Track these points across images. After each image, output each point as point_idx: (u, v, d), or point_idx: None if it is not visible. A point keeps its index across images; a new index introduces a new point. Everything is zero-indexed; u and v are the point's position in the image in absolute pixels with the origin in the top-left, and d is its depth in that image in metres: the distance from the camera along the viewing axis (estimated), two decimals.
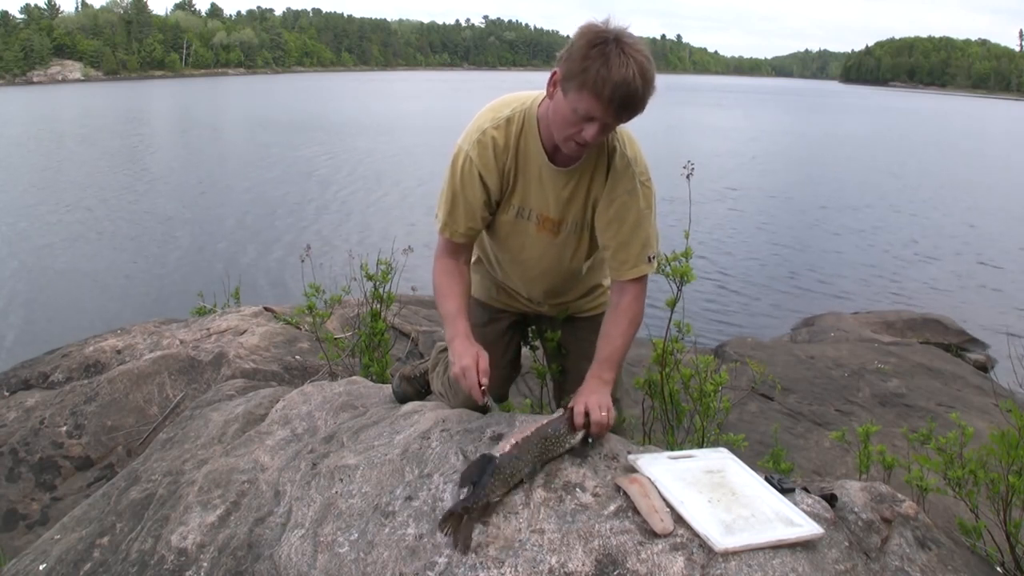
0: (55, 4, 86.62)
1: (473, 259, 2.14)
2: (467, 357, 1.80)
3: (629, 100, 1.59)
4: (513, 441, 1.64)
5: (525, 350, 2.43)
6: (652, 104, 1.65)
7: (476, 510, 1.54)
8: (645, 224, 1.85)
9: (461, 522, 1.53)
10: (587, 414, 1.73)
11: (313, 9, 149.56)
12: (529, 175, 1.86)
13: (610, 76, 1.54)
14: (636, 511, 1.56)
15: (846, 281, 11.04)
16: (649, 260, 1.87)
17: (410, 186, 17.31)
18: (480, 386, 1.78)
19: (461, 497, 1.58)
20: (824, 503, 1.68)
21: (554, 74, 1.67)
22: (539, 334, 2.36)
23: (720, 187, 17.84)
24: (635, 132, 1.87)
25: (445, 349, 2.42)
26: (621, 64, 1.54)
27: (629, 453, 1.79)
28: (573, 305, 2.18)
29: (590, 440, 1.76)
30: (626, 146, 1.84)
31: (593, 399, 1.75)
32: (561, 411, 1.79)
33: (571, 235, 1.93)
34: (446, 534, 1.53)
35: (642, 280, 1.89)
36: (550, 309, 2.19)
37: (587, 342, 1.97)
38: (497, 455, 1.61)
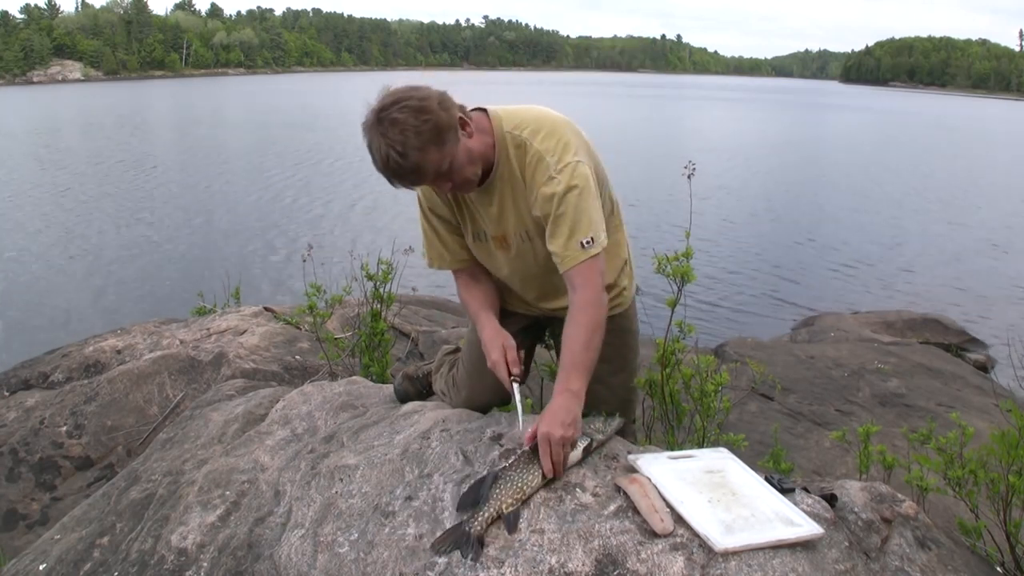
0: (55, 4, 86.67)
1: None
2: (495, 351, 1.85)
3: (400, 173, 1.65)
4: (519, 452, 1.65)
5: (539, 348, 2.43)
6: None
7: (483, 523, 1.53)
8: (569, 210, 1.73)
9: (465, 537, 1.51)
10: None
11: (313, 9, 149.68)
12: (466, 202, 1.91)
13: (376, 161, 1.65)
14: (636, 511, 1.56)
15: (846, 281, 11.04)
16: (583, 246, 1.74)
17: None
18: (511, 376, 1.83)
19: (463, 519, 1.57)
20: (824, 503, 1.68)
21: None
22: (554, 336, 2.35)
23: (720, 186, 17.84)
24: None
25: (451, 352, 2.42)
26: (378, 146, 1.62)
27: (629, 453, 1.79)
28: None
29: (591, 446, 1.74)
30: (537, 139, 1.76)
31: (556, 426, 1.62)
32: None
33: (523, 245, 1.91)
34: (444, 552, 1.51)
35: (587, 267, 1.75)
36: (563, 312, 2.18)
37: (603, 343, 1.95)
38: (499, 468, 1.61)
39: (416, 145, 1.61)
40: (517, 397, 1.84)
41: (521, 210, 1.85)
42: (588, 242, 1.74)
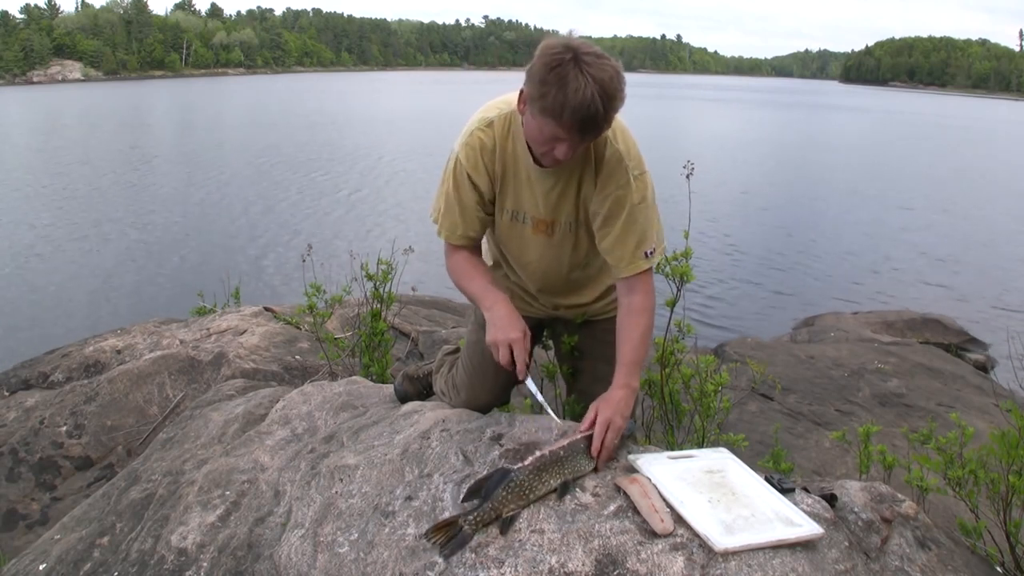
0: (55, 4, 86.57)
1: (491, 263, 2.13)
2: (516, 330, 1.79)
3: (590, 122, 1.55)
4: (537, 454, 1.63)
5: (537, 348, 2.42)
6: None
7: (478, 522, 1.53)
8: (640, 219, 1.80)
9: (457, 532, 1.51)
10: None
11: (313, 9, 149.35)
12: (518, 177, 1.86)
13: (567, 101, 1.51)
14: (636, 511, 1.55)
15: (846, 281, 11.05)
16: (647, 256, 1.82)
17: (412, 185, 17.32)
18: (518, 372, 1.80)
19: (465, 508, 1.57)
20: (824, 503, 1.68)
21: (522, 92, 1.65)
22: (554, 337, 2.35)
23: (720, 186, 17.84)
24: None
25: (451, 352, 2.41)
26: (579, 86, 1.50)
27: (629, 453, 1.79)
28: (591, 308, 2.14)
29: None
30: (617, 139, 1.78)
31: (618, 420, 1.70)
32: (579, 436, 1.70)
33: (567, 235, 1.91)
34: (433, 543, 1.51)
35: (647, 275, 1.85)
36: (567, 312, 2.16)
37: (606, 343, 1.95)
38: (515, 468, 1.59)
39: (616, 106, 1.57)
40: (537, 393, 1.85)
41: (580, 200, 1.85)
42: (651, 252, 1.82)
